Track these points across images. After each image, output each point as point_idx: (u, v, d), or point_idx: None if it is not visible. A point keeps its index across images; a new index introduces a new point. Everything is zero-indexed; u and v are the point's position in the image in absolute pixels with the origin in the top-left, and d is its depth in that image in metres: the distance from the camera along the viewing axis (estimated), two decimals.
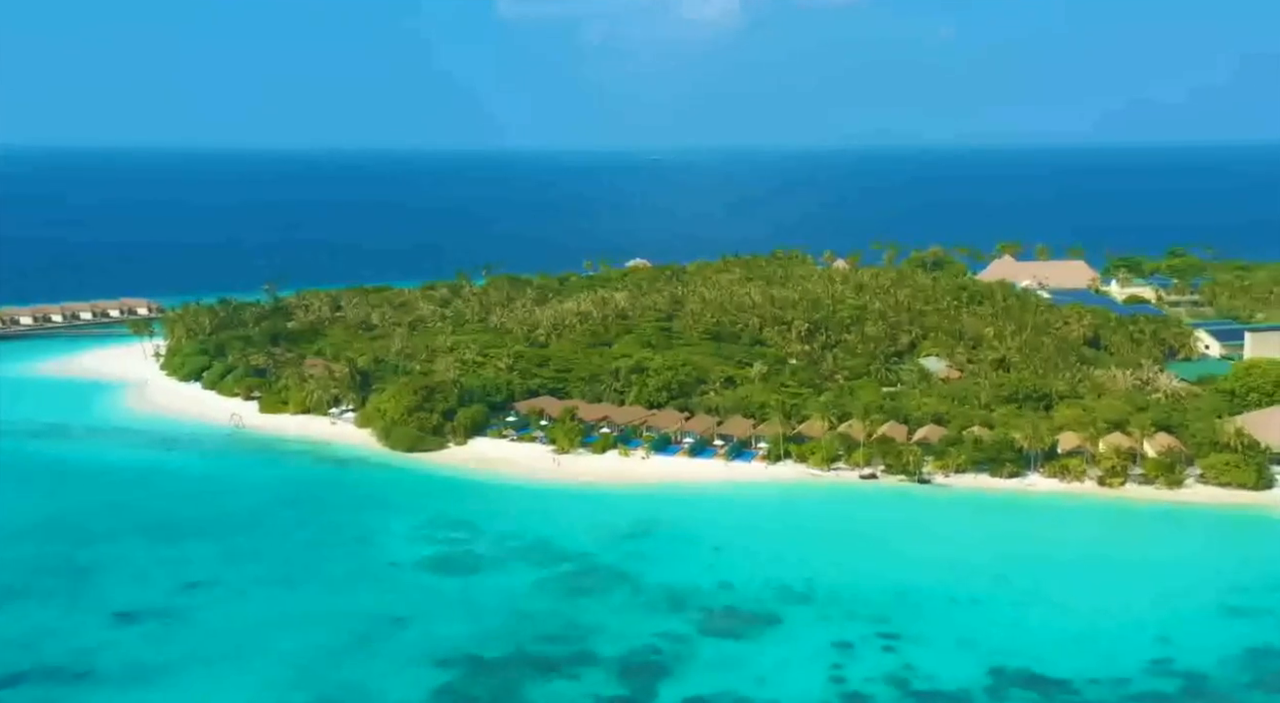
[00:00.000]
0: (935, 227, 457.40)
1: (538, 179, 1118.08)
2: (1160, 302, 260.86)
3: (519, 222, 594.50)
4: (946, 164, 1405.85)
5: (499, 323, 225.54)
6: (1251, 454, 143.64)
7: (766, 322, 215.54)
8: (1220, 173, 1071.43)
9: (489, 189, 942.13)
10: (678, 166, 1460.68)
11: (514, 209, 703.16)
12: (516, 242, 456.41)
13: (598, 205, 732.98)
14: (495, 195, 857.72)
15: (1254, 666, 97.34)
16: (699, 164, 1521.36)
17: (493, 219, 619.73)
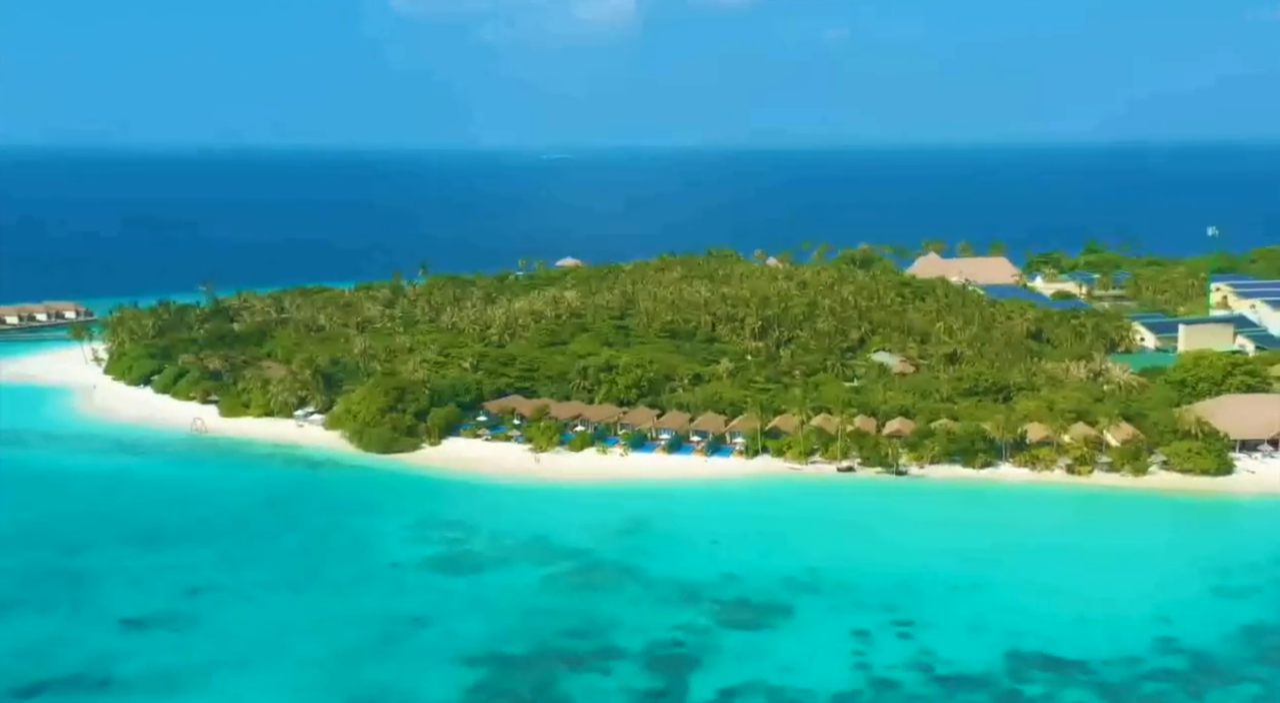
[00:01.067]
0: (838, 224, 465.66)
1: (441, 178, 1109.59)
2: (1090, 297, 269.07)
3: (431, 221, 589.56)
4: (842, 163, 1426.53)
5: (451, 323, 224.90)
6: (1212, 441, 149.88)
7: (719, 319, 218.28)
8: (1127, 173, 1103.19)
9: (392, 188, 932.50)
10: (578, 166, 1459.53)
11: (425, 208, 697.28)
12: (433, 241, 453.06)
13: (508, 205, 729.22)
14: (405, 195, 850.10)
15: (1253, 642, 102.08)
16: (598, 163, 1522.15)
17: (402, 218, 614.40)
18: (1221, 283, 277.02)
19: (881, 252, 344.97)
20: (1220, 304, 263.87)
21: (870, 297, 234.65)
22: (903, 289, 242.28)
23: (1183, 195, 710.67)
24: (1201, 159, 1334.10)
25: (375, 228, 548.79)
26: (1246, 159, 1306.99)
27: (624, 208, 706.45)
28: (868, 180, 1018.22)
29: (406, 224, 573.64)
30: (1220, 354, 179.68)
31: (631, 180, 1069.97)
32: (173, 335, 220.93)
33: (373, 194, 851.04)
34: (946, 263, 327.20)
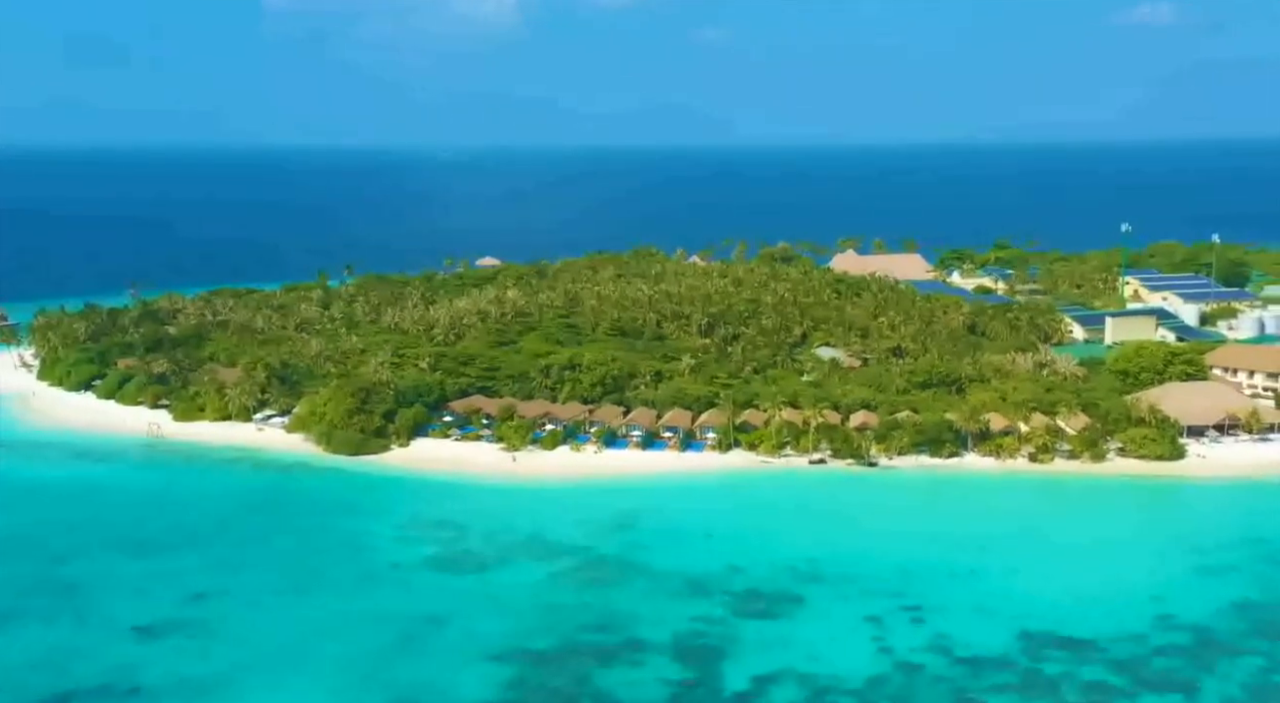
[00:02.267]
0: (714, 222, 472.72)
1: (327, 177, 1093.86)
2: (1012, 291, 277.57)
3: (331, 221, 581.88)
4: (728, 161, 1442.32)
5: (393, 323, 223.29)
6: (1164, 428, 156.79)
7: (665, 317, 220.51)
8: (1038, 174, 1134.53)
9: (284, 188, 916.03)
10: (468, 165, 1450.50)
11: (322, 209, 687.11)
12: (340, 241, 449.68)
13: (406, 204, 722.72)
14: (296, 194, 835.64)
15: (1245, 617, 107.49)
16: (488, 163, 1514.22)
17: (301, 218, 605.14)
18: (1131, 277, 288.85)
19: (800, 249, 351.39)
20: (1133, 297, 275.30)
21: (806, 293, 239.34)
22: (837, 285, 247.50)
23: (1093, 194, 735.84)
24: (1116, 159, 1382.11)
25: (281, 228, 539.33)
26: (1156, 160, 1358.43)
27: (519, 206, 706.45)
28: (752, 178, 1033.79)
29: (304, 224, 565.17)
30: (1159, 345, 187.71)
31: (524, 180, 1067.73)
32: (107, 340, 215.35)
33: (265, 194, 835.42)
34: (862, 260, 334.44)
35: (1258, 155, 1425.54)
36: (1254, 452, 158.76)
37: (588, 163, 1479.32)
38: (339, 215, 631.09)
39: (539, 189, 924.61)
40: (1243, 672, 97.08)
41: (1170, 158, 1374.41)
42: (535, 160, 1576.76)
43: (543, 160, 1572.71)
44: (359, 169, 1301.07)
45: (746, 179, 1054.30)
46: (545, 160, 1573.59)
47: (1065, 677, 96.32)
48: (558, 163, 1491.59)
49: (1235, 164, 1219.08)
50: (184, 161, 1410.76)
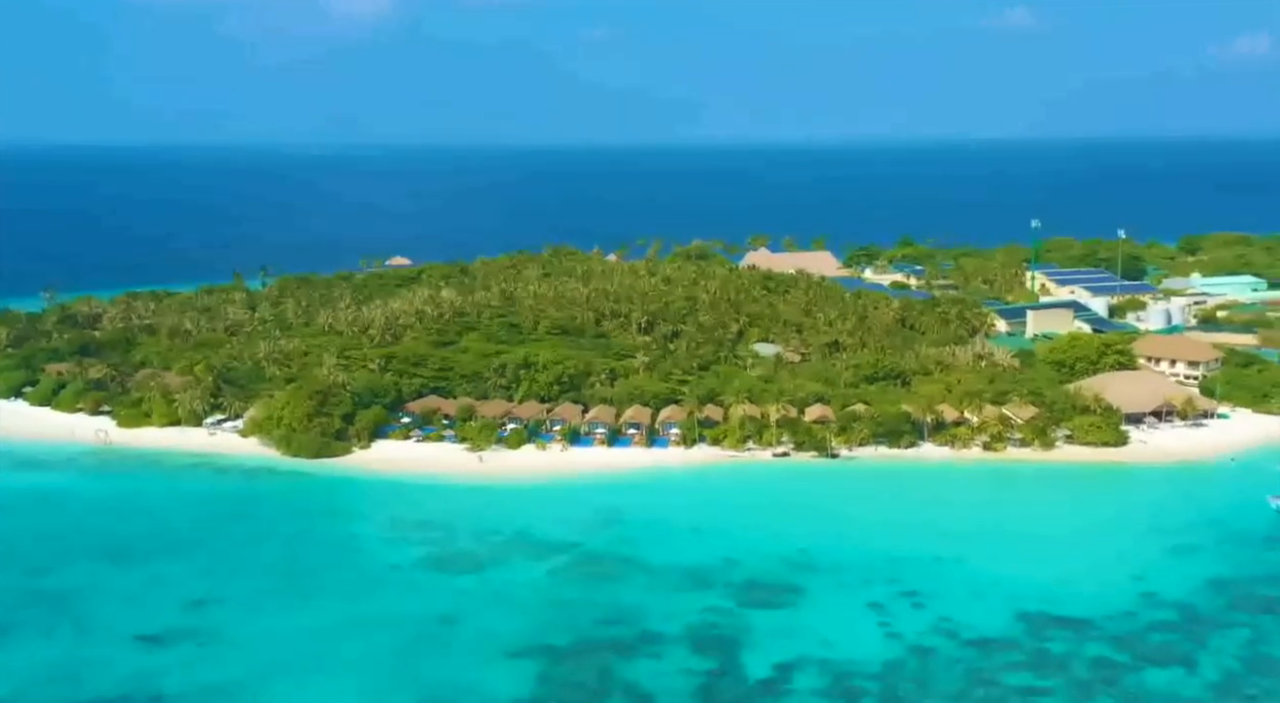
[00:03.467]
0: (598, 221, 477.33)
1: (205, 177, 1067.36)
2: (929, 287, 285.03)
3: (221, 221, 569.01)
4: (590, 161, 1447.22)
5: (327, 325, 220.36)
6: (1109, 415, 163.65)
7: (604, 316, 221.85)
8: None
9: (164, 187, 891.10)
10: (345, 165, 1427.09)
11: (215, 206, 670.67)
12: (239, 241, 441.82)
13: (286, 204, 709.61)
14: (176, 193, 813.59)
15: (1222, 593, 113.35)
16: (365, 162, 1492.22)
17: (193, 217, 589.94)
18: (1037, 271, 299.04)
19: (713, 248, 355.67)
20: (1042, 291, 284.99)
21: (737, 291, 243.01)
22: (766, 283, 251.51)
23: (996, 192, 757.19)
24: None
25: (174, 227, 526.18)
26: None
27: (406, 206, 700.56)
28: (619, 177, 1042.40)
29: (197, 223, 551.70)
30: (1092, 336, 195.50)
31: (409, 180, 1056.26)
32: (30, 345, 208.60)
33: (151, 193, 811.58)
34: (774, 257, 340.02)
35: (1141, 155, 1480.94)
36: (1190, 436, 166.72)
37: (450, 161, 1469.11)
38: (230, 215, 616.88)
39: (415, 186, 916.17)
40: (1233, 644, 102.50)
41: (1058, 158, 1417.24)
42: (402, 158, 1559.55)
43: (404, 158, 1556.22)
44: (241, 168, 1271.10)
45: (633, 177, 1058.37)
46: (405, 158, 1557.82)
47: (1071, 655, 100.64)
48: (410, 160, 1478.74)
49: (1112, 163, 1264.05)
50: (91, 164, 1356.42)
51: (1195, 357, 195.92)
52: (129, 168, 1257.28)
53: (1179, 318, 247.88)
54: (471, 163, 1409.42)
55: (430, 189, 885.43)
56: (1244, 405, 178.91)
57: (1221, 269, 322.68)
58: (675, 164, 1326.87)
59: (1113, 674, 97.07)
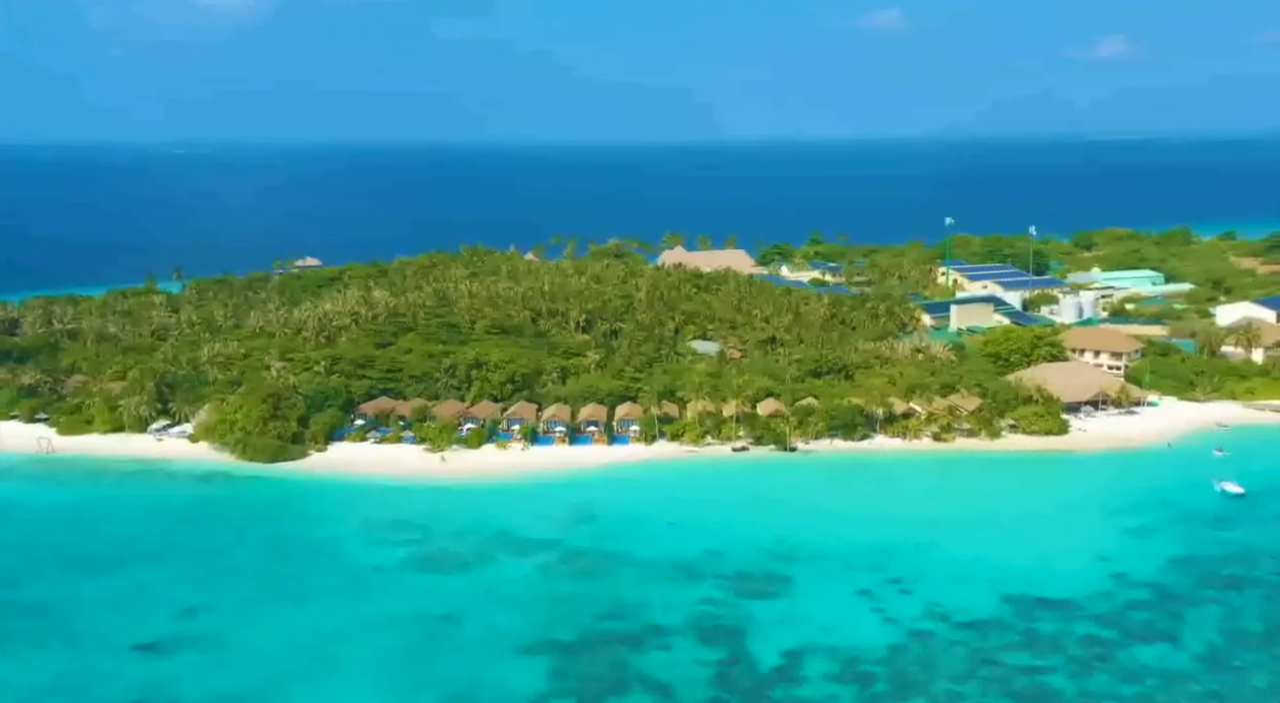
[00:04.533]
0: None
1: (56, 176, 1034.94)
2: (849, 283, 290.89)
3: (115, 221, 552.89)
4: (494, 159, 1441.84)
5: (259, 327, 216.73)
6: (1051, 405, 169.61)
7: (541, 315, 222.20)
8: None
9: (44, 188, 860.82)
10: (218, 163, 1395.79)
11: (98, 206, 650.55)
12: (137, 241, 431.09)
13: (153, 204, 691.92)
14: (66, 193, 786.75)
15: (1188, 571, 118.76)
16: (239, 161, 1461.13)
17: (82, 218, 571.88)
18: (947, 267, 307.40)
19: (629, 246, 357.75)
20: (955, 286, 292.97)
21: (669, 288, 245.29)
22: (696, 280, 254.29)
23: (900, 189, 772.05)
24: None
25: (65, 228, 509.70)
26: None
27: (290, 202, 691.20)
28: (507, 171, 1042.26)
29: (88, 224, 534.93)
30: (1026, 328, 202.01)
31: (277, 175, 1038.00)
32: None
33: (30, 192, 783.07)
34: (690, 255, 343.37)
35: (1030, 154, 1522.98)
36: (1126, 424, 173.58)
37: (339, 159, 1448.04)
38: (120, 215, 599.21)
39: (300, 184, 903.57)
40: (1210, 620, 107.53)
41: (940, 159, 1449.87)
42: (285, 155, 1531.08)
43: (291, 155, 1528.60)
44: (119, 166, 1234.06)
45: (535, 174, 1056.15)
46: (293, 155, 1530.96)
47: (1062, 634, 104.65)
48: (308, 158, 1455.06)
49: (989, 163, 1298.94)
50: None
51: (1118, 348, 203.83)
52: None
53: (1090, 311, 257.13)
54: (363, 161, 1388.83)
55: (325, 188, 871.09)
56: (1170, 394, 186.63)
57: (1119, 264, 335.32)
58: (552, 161, 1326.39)
59: (1105, 652, 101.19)
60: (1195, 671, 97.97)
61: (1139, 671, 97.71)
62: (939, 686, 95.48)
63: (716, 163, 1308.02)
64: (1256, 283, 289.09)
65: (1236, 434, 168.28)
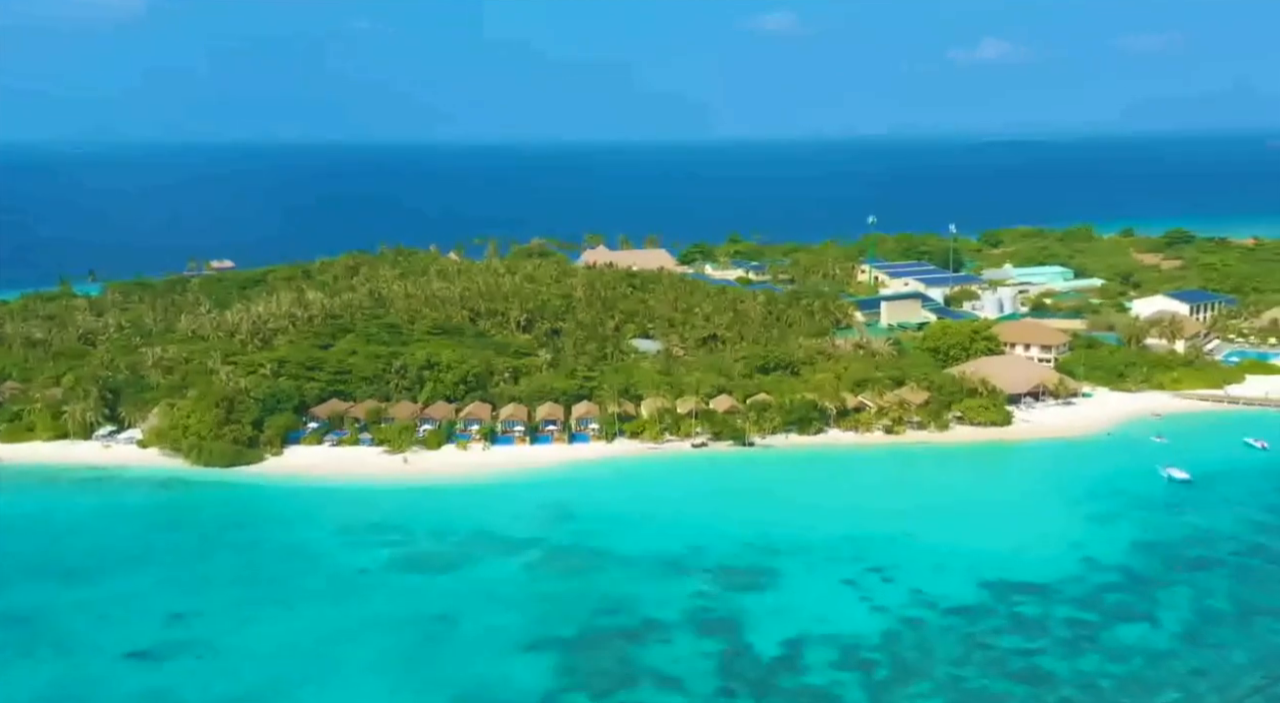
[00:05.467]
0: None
1: None
2: (776, 282, 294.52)
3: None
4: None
5: (191, 330, 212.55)
6: (995, 397, 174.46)
7: (480, 314, 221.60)
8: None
9: None
10: (110, 162, 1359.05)
11: None
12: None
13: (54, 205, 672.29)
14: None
15: (1153, 554, 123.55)
16: (131, 160, 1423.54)
17: None
18: (869, 265, 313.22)
19: (550, 246, 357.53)
20: (879, 284, 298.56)
21: (605, 287, 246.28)
22: (631, 280, 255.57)
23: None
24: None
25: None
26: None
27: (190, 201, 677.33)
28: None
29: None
30: (964, 323, 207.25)
31: (173, 174, 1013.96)
32: None
33: None
34: (613, 254, 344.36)
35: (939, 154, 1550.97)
36: (1064, 414, 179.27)
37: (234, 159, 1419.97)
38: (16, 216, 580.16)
39: (197, 184, 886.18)
40: (1182, 600, 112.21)
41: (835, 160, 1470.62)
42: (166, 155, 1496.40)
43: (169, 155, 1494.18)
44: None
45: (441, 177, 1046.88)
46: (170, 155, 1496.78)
47: (1045, 617, 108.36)
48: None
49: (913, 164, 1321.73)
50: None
51: (1048, 341, 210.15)
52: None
53: (1010, 306, 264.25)
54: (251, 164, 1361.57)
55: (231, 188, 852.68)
56: (1102, 384, 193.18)
57: (1029, 260, 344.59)
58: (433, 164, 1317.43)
59: (1090, 633, 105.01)
60: (1177, 649, 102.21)
61: (1124, 651, 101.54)
62: (939, 670, 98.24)
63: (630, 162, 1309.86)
64: (1163, 277, 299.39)
65: (1170, 422, 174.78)
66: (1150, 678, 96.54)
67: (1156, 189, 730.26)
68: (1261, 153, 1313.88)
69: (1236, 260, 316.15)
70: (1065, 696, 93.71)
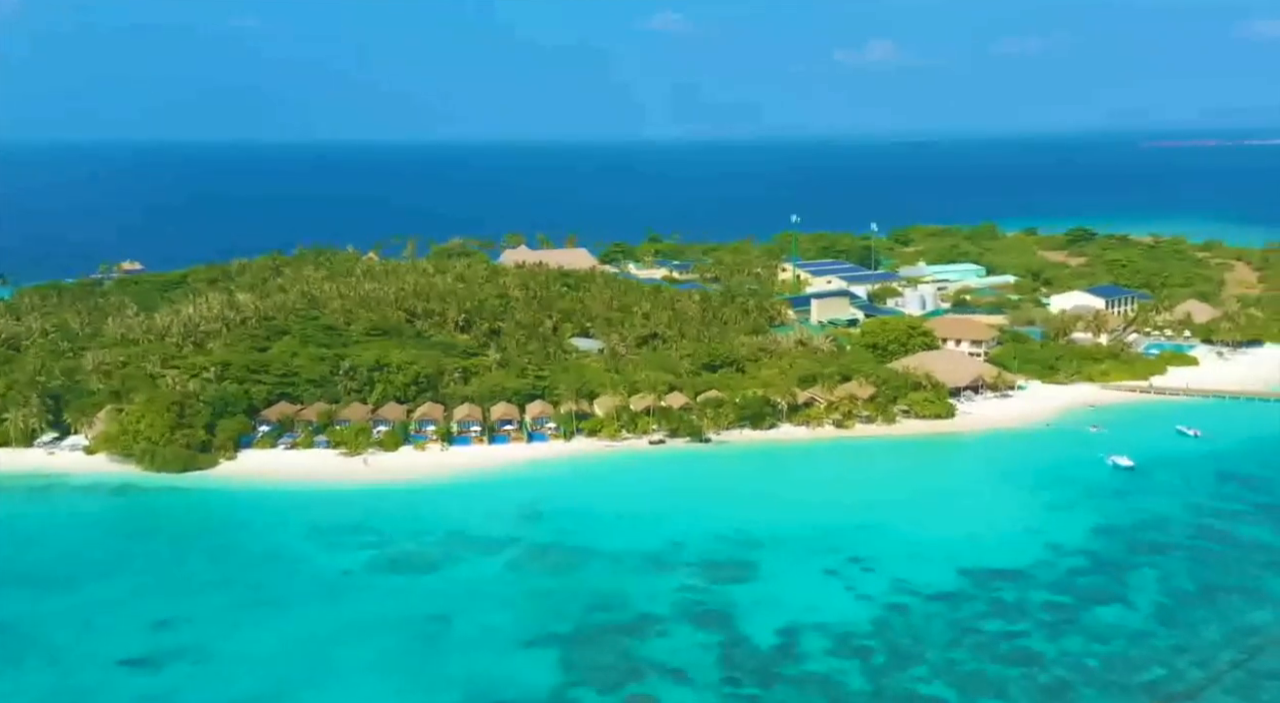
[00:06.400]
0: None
1: None
2: (703, 280, 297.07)
3: None
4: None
5: (120, 333, 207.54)
6: (940, 390, 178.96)
7: (416, 315, 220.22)
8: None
9: None
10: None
11: None
12: None
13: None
14: None
15: (1115, 539, 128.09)
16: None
17: None
18: (789, 264, 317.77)
19: (472, 245, 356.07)
20: (803, 282, 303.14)
21: (540, 287, 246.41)
22: (565, 279, 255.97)
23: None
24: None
25: None
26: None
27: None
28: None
29: None
30: (901, 319, 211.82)
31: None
32: None
33: None
34: (534, 253, 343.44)
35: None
36: (1003, 406, 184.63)
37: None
38: None
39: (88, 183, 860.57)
40: (1150, 582, 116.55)
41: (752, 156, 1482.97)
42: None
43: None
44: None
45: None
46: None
47: (1024, 601, 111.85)
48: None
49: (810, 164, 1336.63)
50: None
51: (978, 336, 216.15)
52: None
53: (932, 303, 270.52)
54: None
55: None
56: (1035, 378, 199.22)
57: (940, 258, 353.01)
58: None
59: (1069, 615, 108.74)
60: (1153, 628, 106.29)
61: (1105, 631, 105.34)
62: (934, 654, 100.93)
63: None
64: (1073, 274, 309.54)
65: (1103, 413, 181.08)
66: (1134, 657, 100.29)
67: (1029, 188, 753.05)
68: (1138, 155, 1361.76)
69: (1140, 257, 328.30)
70: (1058, 675, 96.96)
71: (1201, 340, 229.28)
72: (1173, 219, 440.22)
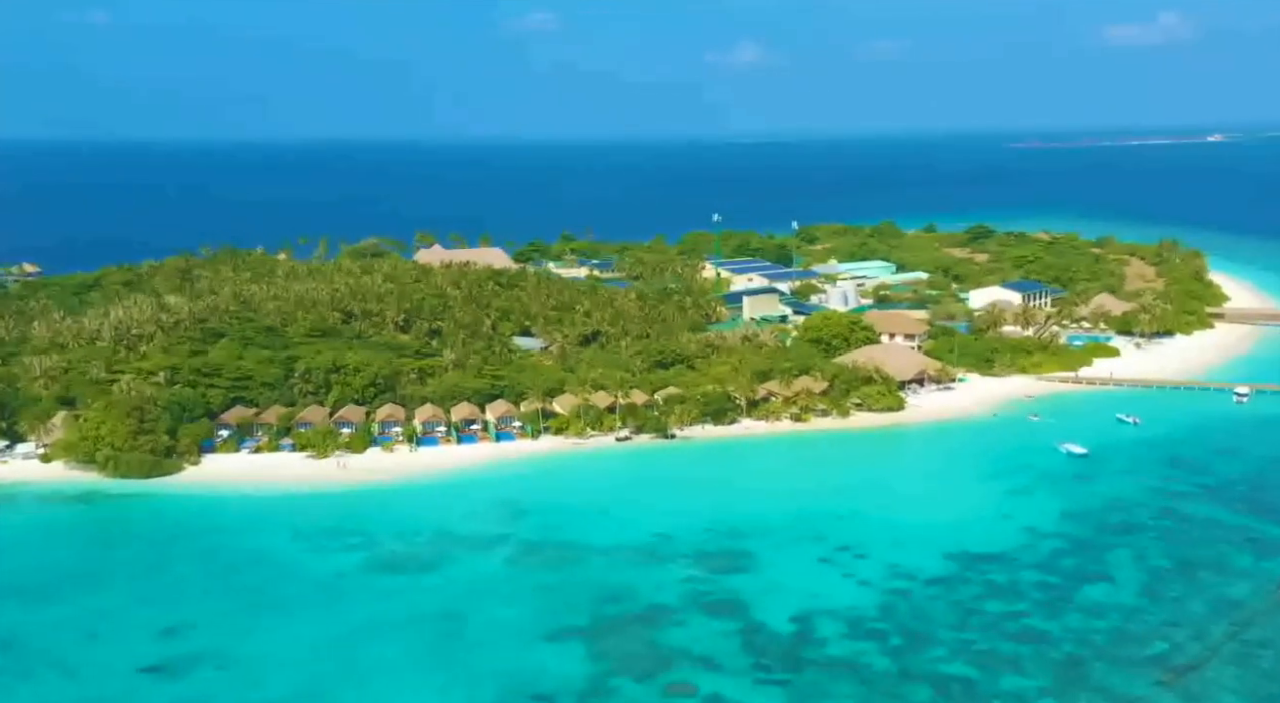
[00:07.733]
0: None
1: None
2: (629, 279, 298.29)
3: None
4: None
5: (49, 338, 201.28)
6: (889, 383, 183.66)
7: (353, 316, 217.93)
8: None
9: None
10: None
11: None
12: None
13: None
14: None
15: (1083, 522, 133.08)
16: None
17: None
18: (710, 262, 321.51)
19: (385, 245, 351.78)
20: (724, 280, 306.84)
21: (474, 287, 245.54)
22: (497, 279, 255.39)
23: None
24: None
25: None
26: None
27: None
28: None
29: None
30: (843, 315, 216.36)
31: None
32: None
33: None
34: (449, 253, 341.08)
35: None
36: (948, 398, 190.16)
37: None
38: None
39: None
40: (1126, 560, 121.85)
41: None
42: None
43: None
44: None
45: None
46: None
47: (1016, 582, 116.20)
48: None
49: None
50: None
51: (911, 331, 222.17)
52: None
53: (854, 300, 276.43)
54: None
55: None
56: (972, 370, 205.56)
57: (850, 256, 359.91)
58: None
59: (1062, 594, 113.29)
60: (1143, 604, 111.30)
61: (1100, 608, 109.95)
62: (945, 634, 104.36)
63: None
64: (982, 270, 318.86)
65: (1041, 403, 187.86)
66: (1134, 631, 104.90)
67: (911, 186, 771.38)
68: (1004, 153, 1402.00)
69: (1043, 253, 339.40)
70: (1068, 651, 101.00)
71: (1117, 332, 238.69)
72: (1040, 216, 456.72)
